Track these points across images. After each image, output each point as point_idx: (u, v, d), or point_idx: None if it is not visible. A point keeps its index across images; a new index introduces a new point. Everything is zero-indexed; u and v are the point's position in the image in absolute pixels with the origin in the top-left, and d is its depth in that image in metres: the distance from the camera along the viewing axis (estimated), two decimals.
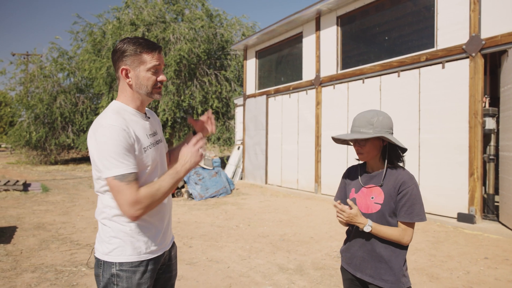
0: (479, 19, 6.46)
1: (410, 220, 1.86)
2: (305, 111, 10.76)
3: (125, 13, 18.32)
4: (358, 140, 1.97)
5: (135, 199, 1.54)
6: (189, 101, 17.79)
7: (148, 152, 1.69)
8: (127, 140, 1.57)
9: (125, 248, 1.65)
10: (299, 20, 10.57)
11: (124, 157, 1.55)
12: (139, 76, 1.66)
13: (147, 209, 1.58)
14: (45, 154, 21.56)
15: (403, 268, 1.92)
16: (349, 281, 2.07)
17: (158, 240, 1.74)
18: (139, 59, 1.65)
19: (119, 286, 1.63)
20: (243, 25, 21.04)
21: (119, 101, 1.73)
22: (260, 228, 6.63)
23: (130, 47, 1.65)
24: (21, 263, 4.51)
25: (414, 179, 1.94)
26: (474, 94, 6.50)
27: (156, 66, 1.68)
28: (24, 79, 21.33)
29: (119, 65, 1.67)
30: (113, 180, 1.54)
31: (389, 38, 8.58)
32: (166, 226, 1.82)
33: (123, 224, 1.65)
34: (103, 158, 1.54)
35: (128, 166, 1.55)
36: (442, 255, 5.06)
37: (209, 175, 10.42)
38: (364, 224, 1.86)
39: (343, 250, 2.12)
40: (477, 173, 6.44)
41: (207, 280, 4.15)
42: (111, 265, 1.64)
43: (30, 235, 5.82)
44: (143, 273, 1.66)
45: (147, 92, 1.70)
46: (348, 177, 2.15)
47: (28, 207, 8.20)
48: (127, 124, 1.61)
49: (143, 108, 1.78)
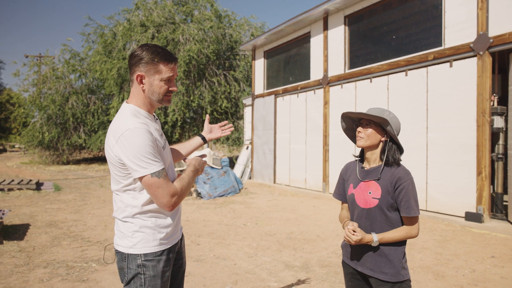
0: (486, 17, 6.43)
1: (408, 214, 1.93)
2: (313, 111, 10.79)
3: (135, 15, 18.55)
4: (363, 123, 2.03)
5: (174, 191, 1.71)
6: (198, 101, 17.95)
7: (164, 151, 1.84)
8: (152, 141, 1.69)
9: (149, 240, 1.78)
10: (307, 20, 10.60)
11: (155, 156, 1.69)
12: (153, 83, 1.76)
13: (181, 199, 1.77)
14: (57, 154, 21.91)
15: (402, 261, 1.97)
16: (350, 275, 2.13)
17: (174, 229, 1.89)
18: (155, 68, 1.74)
19: (146, 275, 1.76)
20: (252, 26, 21.12)
21: (132, 104, 1.81)
22: (268, 226, 6.69)
23: (148, 55, 1.73)
24: (33, 259, 4.65)
25: (410, 174, 1.99)
26: (482, 92, 6.47)
27: (170, 77, 1.78)
28: (37, 80, 21.69)
29: (134, 69, 1.76)
30: (151, 177, 1.66)
31: (396, 37, 8.58)
32: (178, 217, 1.96)
33: (145, 219, 1.78)
34: (136, 158, 1.64)
35: (161, 163, 1.70)
36: (449, 253, 5.06)
37: (217, 175, 10.52)
38: (371, 241, 1.93)
39: (344, 245, 2.17)
40: (485, 172, 6.41)
41: (213, 276, 4.23)
42: (136, 257, 1.76)
43: (42, 232, 5.98)
44: (166, 261, 1.82)
45: (158, 99, 1.80)
46: (346, 172, 2.21)
47: (41, 205, 8.39)
48: (148, 126, 1.73)
49: (153, 111, 1.89)
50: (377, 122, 2.00)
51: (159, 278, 1.78)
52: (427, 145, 7.41)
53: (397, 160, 2.02)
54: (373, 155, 2.06)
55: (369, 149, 2.06)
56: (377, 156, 2.05)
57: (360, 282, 2.10)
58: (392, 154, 2.01)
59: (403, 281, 1.96)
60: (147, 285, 1.76)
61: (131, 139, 1.64)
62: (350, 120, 2.19)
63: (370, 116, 1.98)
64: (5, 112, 42.40)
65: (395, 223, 1.98)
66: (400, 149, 2.04)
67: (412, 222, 1.96)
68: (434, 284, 4.03)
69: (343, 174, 2.23)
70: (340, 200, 2.26)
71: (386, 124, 1.96)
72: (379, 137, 2.02)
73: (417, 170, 7.55)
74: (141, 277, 1.76)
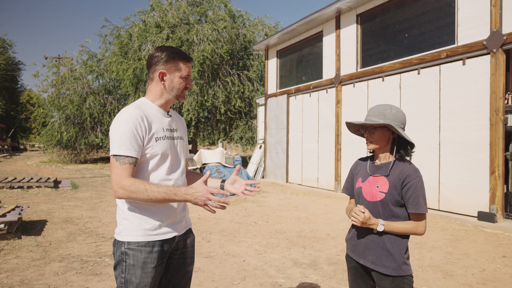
0: (500, 14, 6.34)
1: (417, 211, 1.95)
2: (325, 110, 10.79)
3: (150, 16, 18.81)
4: (368, 128, 2.07)
5: (121, 182, 1.73)
6: (212, 101, 18.09)
7: (161, 142, 1.88)
8: (137, 128, 1.78)
9: (133, 229, 1.83)
10: (319, 19, 10.61)
11: (128, 141, 1.76)
12: (174, 80, 1.92)
13: (128, 197, 1.75)
14: (75, 153, 22.40)
15: (404, 256, 2.00)
16: (353, 269, 2.16)
17: (167, 224, 1.90)
18: (176, 66, 1.90)
19: (127, 262, 1.81)
20: (265, 25, 21.17)
21: (146, 98, 1.97)
22: (278, 224, 6.74)
23: (168, 54, 1.89)
24: (49, 253, 4.82)
25: (419, 172, 2.02)
26: (495, 90, 6.39)
27: (187, 75, 1.95)
28: (55, 81, 22.23)
29: (156, 68, 1.91)
30: (112, 157, 1.77)
31: (409, 35, 8.51)
32: (179, 214, 1.97)
33: (132, 208, 1.85)
34: (112, 138, 1.79)
35: (127, 150, 1.75)
36: (459, 253, 5.03)
37: (230, 173, 10.62)
38: (377, 224, 1.96)
39: (349, 238, 2.21)
40: (498, 171, 6.32)
41: (222, 272, 4.31)
42: (122, 244, 1.83)
43: (59, 228, 6.17)
44: (149, 253, 1.82)
45: (176, 94, 1.95)
46: (356, 168, 2.25)
47: (58, 202, 8.64)
48: (142, 115, 1.82)
49: (166, 107, 2.00)
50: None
51: (139, 268, 1.80)
52: (440, 144, 7.34)
53: (408, 154, 2.05)
54: (383, 153, 2.10)
55: (379, 150, 2.11)
56: (387, 153, 2.09)
57: (362, 276, 2.13)
58: (403, 150, 2.05)
59: (404, 276, 1.98)
60: (127, 272, 1.80)
61: (117, 120, 1.79)
62: (356, 124, 2.23)
63: (373, 124, 2.03)
64: (26, 113, 43.55)
65: (400, 219, 2.01)
66: (410, 143, 2.05)
67: (419, 218, 1.98)
68: (442, 283, 4.02)
69: (353, 169, 2.27)
70: (348, 194, 2.29)
71: (390, 127, 2.00)
72: (388, 136, 2.05)
73: (430, 169, 7.49)
74: (122, 264, 1.81)
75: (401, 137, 2.05)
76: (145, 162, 1.86)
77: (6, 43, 40.02)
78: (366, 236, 2.06)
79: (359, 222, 1.95)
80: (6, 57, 38.96)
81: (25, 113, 43.22)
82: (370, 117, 2.04)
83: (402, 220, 2.01)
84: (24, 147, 39.33)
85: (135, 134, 1.77)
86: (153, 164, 1.87)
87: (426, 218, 2.02)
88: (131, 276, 1.80)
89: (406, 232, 1.98)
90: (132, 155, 1.76)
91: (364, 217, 1.93)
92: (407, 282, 1.98)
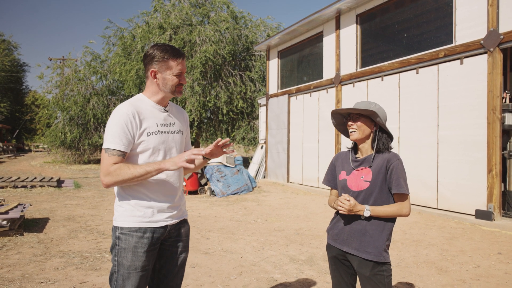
0: (497, 14, 6.38)
1: (398, 191, 2.04)
2: (325, 110, 10.85)
3: (153, 17, 18.92)
4: (353, 117, 2.16)
5: (108, 169, 1.86)
6: (214, 101, 18.17)
7: (153, 137, 1.98)
8: (127, 124, 1.89)
9: (126, 215, 1.97)
10: (319, 19, 10.67)
11: (117, 136, 1.88)
12: (166, 78, 2.00)
13: (115, 182, 1.87)
14: (79, 153, 22.58)
15: (386, 243, 2.08)
16: (334, 258, 2.23)
17: (159, 213, 2.01)
18: (166, 64, 1.99)
19: (119, 246, 1.94)
20: (268, 26, 21.22)
21: (143, 94, 2.08)
22: (277, 223, 6.81)
23: (159, 53, 1.98)
24: (51, 250, 4.91)
25: (398, 156, 2.13)
26: (492, 89, 6.42)
27: (179, 72, 2.02)
28: (60, 82, 22.43)
29: (148, 67, 2.01)
30: (103, 150, 1.90)
31: (407, 35, 8.56)
32: (173, 203, 2.07)
33: (126, 196, 1.98)
34: (106, 132, 1.92)
35: (116, 144, 1.88)
36: (455, 250, 5.07)
37: (231, 173, 10.69)
38: (363, 210, 2.04)
39: (330, 228, 2.28)
40: (496, 170, 6.36)
41: (220, 268, 4.38)
42: (116, 229, 1.98)
43: (60, 226, 6.27)
44: (140, 238, 1.94)
45: (171, 90, 2.03)
46: (338, 160, 2.32)
47: (61, 201, 8.75)
48: (134, 111, 1.93)
49: (164, 102, 2.09)
50: (365, 114, 2.13)
51: (130, 252, 1.92)
52: (438, 143, 7.38)
53: (387, 147, 2.15)
54: (365, 146, 2.18)
55: (361, 141, 2.18)
56: (369, 146, 2.17)
57: (343, 265, 2.20)
58: (383, 142, 2.14)
59: (384, 263, 2.05)
60: (119, 255, 1.94)
61: (111, 118, 1.93)
62: (340, 116, 2.31)
63: (359, 110, 2.11)
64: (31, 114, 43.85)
65: (385, 204, 2.08)
66: (390, 136, 2.17)
67: (402, 199, 2.06)
68: (436, 279, 4.07)
69: (334, 161, 2.34)
70: (329, 186, 2.36)
71: (375, 116, 2.09)
72: (370, 128, 2.15)
73: (428, 168, 7.53)
74: (116, 248, 1.95)
75: (381, 132, 2.15)
76: (137, 155, 1.97)
77: (11, 45, 40.42)
78: (350, 224, 2.13)
79: (346, 210, 2.02)
80: (11, 58, 39.31)
81: (30, 114, 43.53)
82: (356, 107, 2.15)
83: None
84: (28, 148, 39.59)
85: (125, 130, 1.89)
86: (145, 158, 1.97)
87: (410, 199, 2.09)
88: (123, 259, 1.93)
89: (392, 214, 2.05)
90: (120, 149, 1.88)
91: (350, 205, 2.01)
92: (386, 269, 2.05)
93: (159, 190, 2.02)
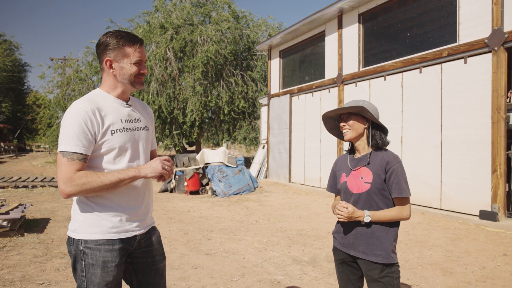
0: (501, 12, 6.32)
1: (400, 195, 1.99)
2: (327, 109, 10.79)
3: (155, 17, 18.90)
4: (343, 116, 2.14)
5: (71, 178, 1.61)
6: (216, 101, 18.14)
7: (117, 135, 1.76)
8: (86, 122, 1.66)
9: (88, 225, 1.72)
10: (321, 18, 10.62)
11: (76, 137, 1.64)
12: (123, 67, 1.78)
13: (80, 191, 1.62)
14: None
15: (393, 244, 2.03)
16: (341, 261, 2.19)
17: (127, 222, 1.79)
18: (122, 52, 1.77)
19: (86, 262, 1.71)
20: (269, 26, 21.20)
21: (101, 89, 1.84)
22: (279, 223, 6.76)
23: (113, 40, 1.76)
24: (51, 250, 4.88)
25: (398, 158, 2.07)
26: (497, 89, 6.36)
27: (138, 60, 1.80)
28: (61, 82, 22.39)
29: (103, 57, 1.78)
30: (59, 154, 1.65)
31: (410, 34, 8.50)
32: (141, 210, 1.87)
33: (88, 202, 1.73)
34: (60, 133, 1.67)
35: (75, 146, 1.64)
36: (460, 251, 5.02)
37: (232, 173, 10.65)
38: (363, 216, 1.99)
39: (336, 232, 2.23)
40: (500, 170, 6.30)
41: (222, 269, 4.34)
42: (78, 242, 1.72)
43: (61, 226, 6.23)
44: (109, 251, 1.72)
45: (130, 81, 1.81)
46: (337, 165, 2.29)
47: (62, 201, 8.72)
48: (95, 108, 1.70)
49: (124, 96, 1.87)
50: (355, 112, 2.10)
51: (99, 268, 1.70)
52: (442, 143, 7.32)
53: (384, 141, 2.10)
54: (361, 144, 2.14)
55: (356, 139, 2.14)
56: (364, 144, 2.13)
57: (350, 268, 2.16)
58: (378, 137, 2.10)
59: (393, 264, 2.01)
60: (87, 271, 1.71)
61: (65, 117, 1.68)
62: (332, 120, 2.28)
63: (348, 109, 2.09)
64: (32, 114, 43.87)
65: (388, 207, 2.04)
66: (385, 131, 2.12)
67: (403, 203, 2.02)
68: (442, 280, 4.02)
69: (334, 167, 2.32)
70: (332, 192, 2.33)
71: (365, 111, 2.05)
72: (362, 125, 2.11)
73: (432, 168, 7.47)
74: (82, 264, 1.72)
75: (375, 127, 2.11)
76: (100, 157, 1.74)
77: (13, 44, 40.40)
78: (355, 228, 2.09)
79: (345, 218, 1.99)
80: (12, 58, 39.30)
81: (31, 115, 43.54)
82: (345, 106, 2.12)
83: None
84: (30, 148, 39.63)
85: (84, 129, 1.65)
86: (109, 159, 1.75)
87: (411, 201, 2.06)
88: (91, 275, 1.71)
89: (392, 218, 2.01)
90: (80, 152, 1.64)
91: (348, 212, 1.97)
92: (395, 271, 2.02)
93: (127, 195, 1.79)
